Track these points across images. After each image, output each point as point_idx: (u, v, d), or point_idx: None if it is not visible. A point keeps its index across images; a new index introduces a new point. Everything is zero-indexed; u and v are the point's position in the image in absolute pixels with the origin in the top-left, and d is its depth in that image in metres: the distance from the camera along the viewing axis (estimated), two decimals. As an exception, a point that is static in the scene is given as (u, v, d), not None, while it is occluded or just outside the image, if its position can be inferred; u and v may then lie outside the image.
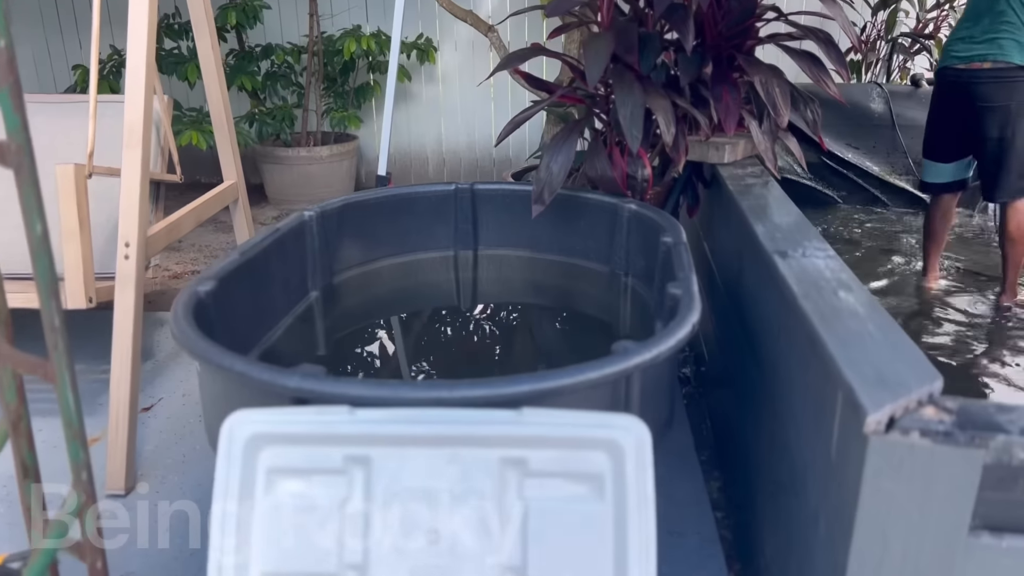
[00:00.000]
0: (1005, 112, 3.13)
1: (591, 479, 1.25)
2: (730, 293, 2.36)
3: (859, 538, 1.22)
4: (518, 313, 2.76)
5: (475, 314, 2.76)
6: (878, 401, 1.17)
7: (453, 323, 2.75)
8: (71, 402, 1.17)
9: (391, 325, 2.68)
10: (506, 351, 2.63)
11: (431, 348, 2.64)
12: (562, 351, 2.57)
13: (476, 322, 2.75)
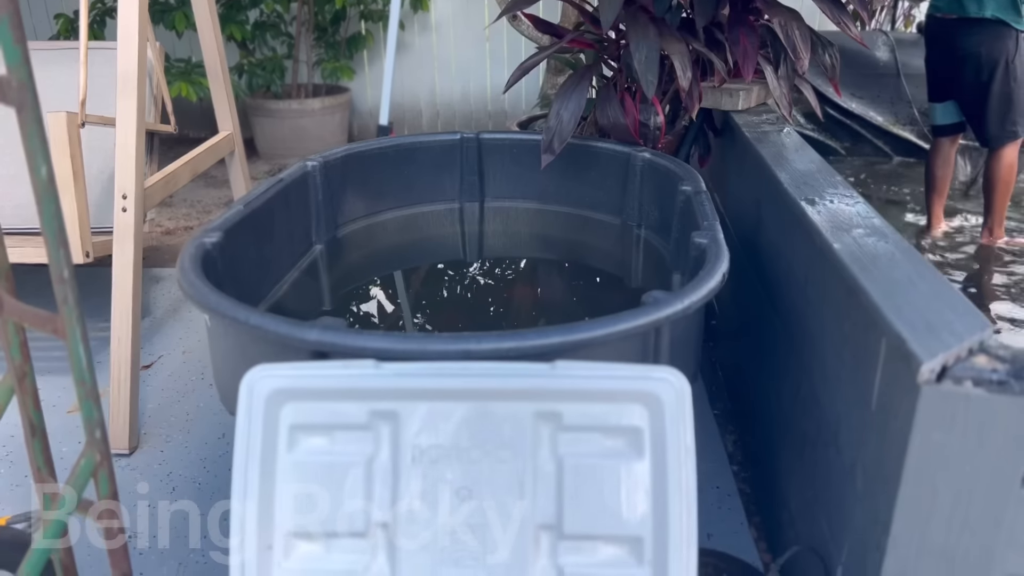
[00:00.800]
0: (977, 60, 3.22)
1: (628, 433, 1.20)
2: (746, 244, 2.31)
3: (906, 491, 1.18)
4: (527, 267, 2.70)
5: (482, 268, 2.70)
6: (931, 350, 1.12)
7: (460, 278, 2.69)
8: (83, 358, 1.10)
9: (397, 280, 2.61)
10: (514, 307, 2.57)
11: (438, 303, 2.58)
12: (573, 306, 2.51)
13: (483, 277, 2.69)
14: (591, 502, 1.19)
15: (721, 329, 2.66)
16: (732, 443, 2.25)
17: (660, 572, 1.16)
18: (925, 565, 1.20)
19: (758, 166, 2.13)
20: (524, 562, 1.18)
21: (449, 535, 1.19)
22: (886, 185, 4.26)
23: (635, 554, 1.18)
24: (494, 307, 2.58)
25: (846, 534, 1.39)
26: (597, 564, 1.19)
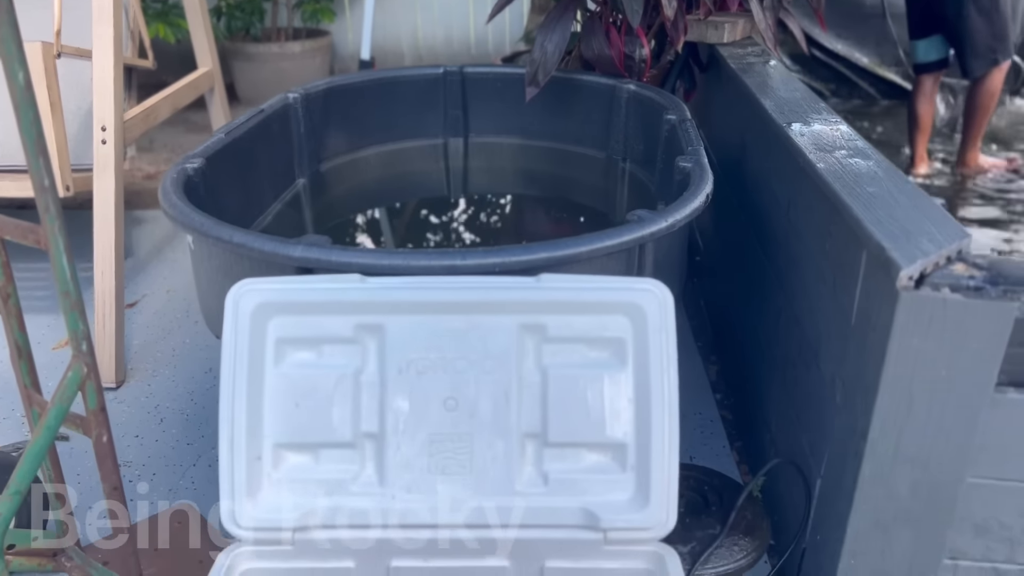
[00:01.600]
0: None
1: (612, 344, 1.21)
2: (729, 177, 2.31)
3: (883, 399, 1.20)
4: (511, 203, 2.69)
5: (467, 204, 2.69)
6: (910, 256, 1.14)
7: (444, 214, 2.68)
8: (67, 269, 1.11)
9: (381, 215, 2.61)
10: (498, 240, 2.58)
11: (422, 237, 2.58)
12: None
13: (468, 212, 2.68)
14: (575, 411, 1.21)
15: (704, 265, 2.68)
16: (715, 373, 2.28)
17: (643, 477, 1.19)
18: (901, 471, 1.23)
19: (743, 96, 2.12)
20: (510, 469, 1.20)
21: (436, 445, 1.21)
22: (870, 126, 4.26)
23: (618, 460, 1.20)
24: (479, 240, 2.58)
25: (825, 447, 1.42)
26: (581, 470, 1.21)
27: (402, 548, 1.19)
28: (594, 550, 1.18)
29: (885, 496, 1.26)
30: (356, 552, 1.19)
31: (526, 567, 1.20)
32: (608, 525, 1.17)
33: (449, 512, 1.19)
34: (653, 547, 1.18)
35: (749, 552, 1.34)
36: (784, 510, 1.59)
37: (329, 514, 1.19)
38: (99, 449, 1.22)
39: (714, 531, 1.36)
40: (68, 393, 1.16)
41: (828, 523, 1.39)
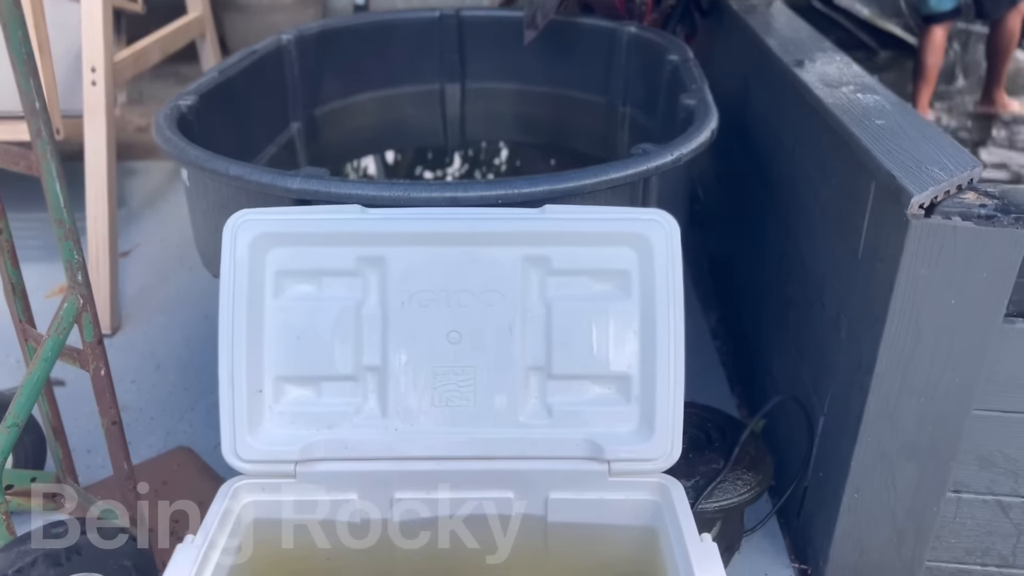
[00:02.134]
0: None
1: (617, 276, 1.19)
2: (731, 123, 2.27)
3: (890, 331, 1.19)
4: (509, 151, 2.66)
5: (464, 153, 2.66)
6: (921, 184, 1.12)
7: (441, 162, 2.65)
8: (59, 195, 1.08)
9: (375, 162, 2.57)
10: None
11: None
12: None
13: (465, 161, 2.65)
14: (580, 343, 1.19)
15: (704, 213, 2.65)
16: (715, 320, 2.27)
17: (647, 409, 1.17)
18: (906, 403, 1.23)
19: (746, 38, 2.09)
20: (514, 402, 1.19)
21: (440, 378, 1.19)
22: (871, 79, 4.21)
23: (623, 392, 1.19)
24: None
25: (828, 384, 1.41)
26: (585, 402, 1.20)
27: (406, 480, 1.18)
28: (598, 481, 1.17)
29: (890, 429, 1.25)
30: (359, 484, 1.18)
31: (530, 498, 1.19)
32: (612, 456, 1.16)
33: (453, 444, 1.18)
34: (657, 478, 1.17)
35: (753, 487, 1.34)
36: (785, 451, 1.58)
37: (332, 447, 1.17)
38: (97, 382, 1.20)
39: (717, 466, 1.35)
40: (64, 324, 1.13)
41: (831, 460, 1.38)
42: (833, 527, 1.34)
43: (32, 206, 1.68)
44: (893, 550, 1.33)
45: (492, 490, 1.19)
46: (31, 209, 1.84)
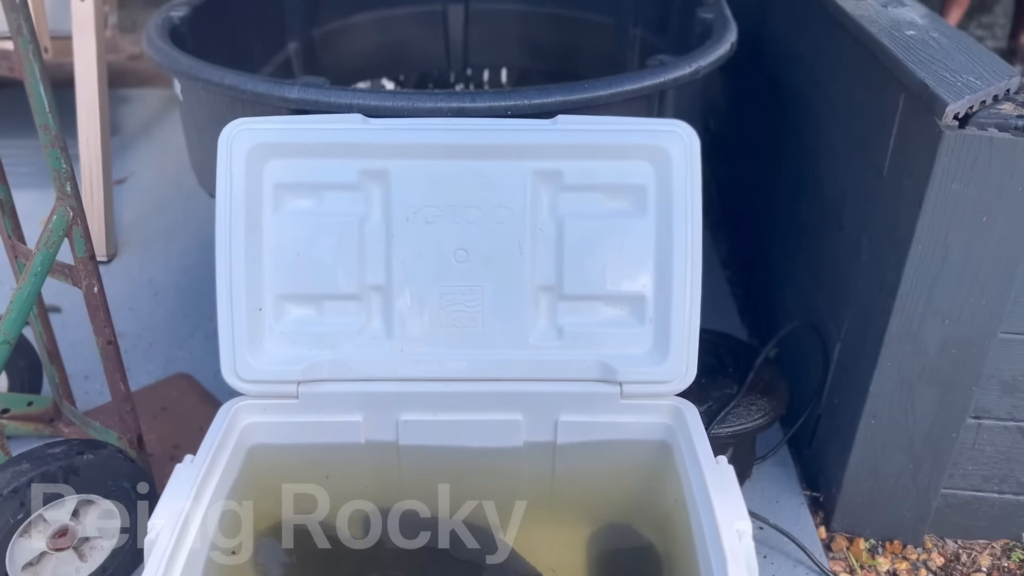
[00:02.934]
0: None
1: (633, 192, 1.14)
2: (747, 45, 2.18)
3: (916, 251, 1.14)
4: (514, 76, 2.57)
5: (466, 78, 2.57)
6: (956, 92, 1.06)
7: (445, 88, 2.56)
8: (44, 98, 1.01)
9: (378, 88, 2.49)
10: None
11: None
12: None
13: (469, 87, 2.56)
14: (592, 263, 1.14)
15: (715, 144, 2.58)
16: (725, 251, 2.22)
17: (662, 331, 1.13)
18: (930, 326, 1.18)
19: (764, -47, 1.99)
20: (524, 323, 1.15)
21: (446, 297, 1.15)
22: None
23: (636, 314, 1.15)
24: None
25: (846, 310, 1.37)
26: (598, 324, 1.15)
27: (412, 402, 1.14)
28: (610, 404, 1.14)
29: (912, 353, 1.21)
30: (364, 405, 1.15)
31: (540, 420, 1.16)
32: (625, 378, 1.13)
33: (460, 365, 1.14)
34: (670, 401, 1.13)
35: (767, 412, 1.30)
36: (797, 380, 1.55)
37: (335, 367, 1.13)
38: (90, 300, 1.16)
39: (731, 391, 1.32)
40: (54, 238, 1.08)
41: (847, 386, 1.35)
42: (847, 454, 1.31)
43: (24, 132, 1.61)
44: (909, 477, 1.31)
45: (500, 412, 1.16)
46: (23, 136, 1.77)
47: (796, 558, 1.31)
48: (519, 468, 1.18)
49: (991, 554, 1.36)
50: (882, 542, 1.37)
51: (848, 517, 1.38)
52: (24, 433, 1.47)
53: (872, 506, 1.35)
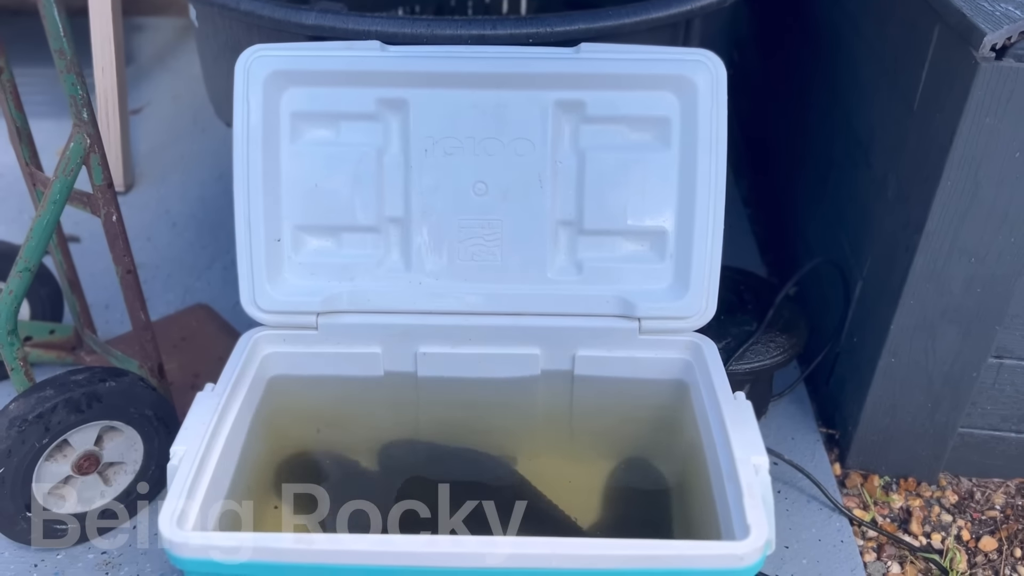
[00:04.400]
0: None
1: (657, 124, 1.12)
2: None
3: (945, 187, 1.11)
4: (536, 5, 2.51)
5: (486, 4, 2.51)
6: (995, 22, 1.02)
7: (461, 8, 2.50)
8: (59, 23, 1.00)
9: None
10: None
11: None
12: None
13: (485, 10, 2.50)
14: (614, 197, 1.13)
15: (739, 72, 2.52)
16: (747, 187, 2.19)
17: (683, 266, 1.12)
18: (955, 264, 1.17)
19: None
20: (542, 257, 1.14)
21: (465, 230, 1.14)
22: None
23: (657, 249, 1.14)
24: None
25: (869, 247, 1.35)
26: (618, 259, 1.15)
27: (430, 334, 1.15)
28: (628, 339, 1.14)
29: (935, 292, 1.20)
30: (383, 337, 1.15)
31: (557, 355, 1.16)
32: (644, 314, 1.12)
33: (478, 298, 1.14)
34: (689, 337, 1.13)
35: (786, 349, 1.30)
36: (817, 317, 1.54)
37: (354, 299, 1.13)
38: (109, 228, 1.15)
39: (750, 328, 1.31)
40: (71, 165, 1.08)
41: (867, 325, 1.34)
42: (865, 392, 1.31)
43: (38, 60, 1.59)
44: (926, 416, 1.30)
45: (518, 346, 1.16)
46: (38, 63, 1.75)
47: (810, 493, 1.32)
48: (536, 400, 1.18)
49: (1005, 492, 1.36)
50: (896, 479, 1.38)
51: (863, 454, 1.38)
52: (47, 360, 1.49)
53: (888, 444, 1.35)
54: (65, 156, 1.07)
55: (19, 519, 1.13)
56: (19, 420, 1.09)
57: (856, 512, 1.31)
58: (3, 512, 1.12)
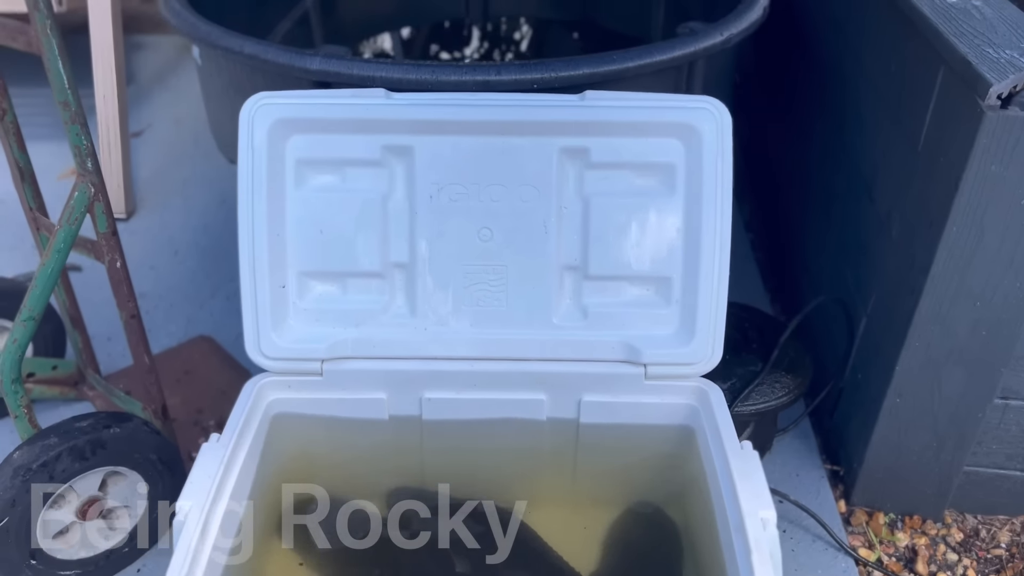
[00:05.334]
0: None
1: (662, 170, 1.11)
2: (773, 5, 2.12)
3: (951, 231, 1.11)
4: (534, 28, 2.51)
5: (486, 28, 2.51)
6: (1000, 71, 1.02)
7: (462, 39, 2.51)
8: (63, 75, 0.99)
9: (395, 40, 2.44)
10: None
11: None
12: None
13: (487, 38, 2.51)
14: (618, 242, 1.13)
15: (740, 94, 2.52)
16: (748, 212, 2.19)
17: (688, 312, 1.12)
18: (961, 307, 1.17)
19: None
20: (547, 303, 1.14)
21: (470, 276, 1.14)
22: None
23: (663, 294, 1.13)
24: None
25: (874, 284, 1.35)
26: (623, 304, 1.14)
27: (435, 380, 1.14)
28: (634, 384, 1.13)
29: (941, 334, 1.19)
30: (388, 383, 1.15)
31: (563, 400, 1.16)
32: (649, 359, 1.12)
33: (483, 344, 1.14)
34: (695, 382, 1.13)
35: (791, 390, 1.30)
36: (821, 350, 1.54)
37: (359, 345, 1.13)
38: (113, 274, 1.15)
39: (755, 368, 1.31)
40: (76, 214, 1.07)
41: (872, 362, 1.34)
42: (870, 431, 1.31)
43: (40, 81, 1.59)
44: (932, 455, 1.30)
45: (523, 391, 1.15)
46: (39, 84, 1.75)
47: (815, 533, 1.32)
48: (542, 445, 1.18)
49: (1011, 530, 1.36)
50: (901, 517, 1.38)
51: (868, 491, 1.38)
52: (49, 396, 1.49)
53: (893, 481, 1.35)
54: (69, 205, 1.07)
55: (24, 567, 1.13)
56: (23, 469, 1.08)
57: (861, 551, 1.31)
58: (8, 561, 1.11)
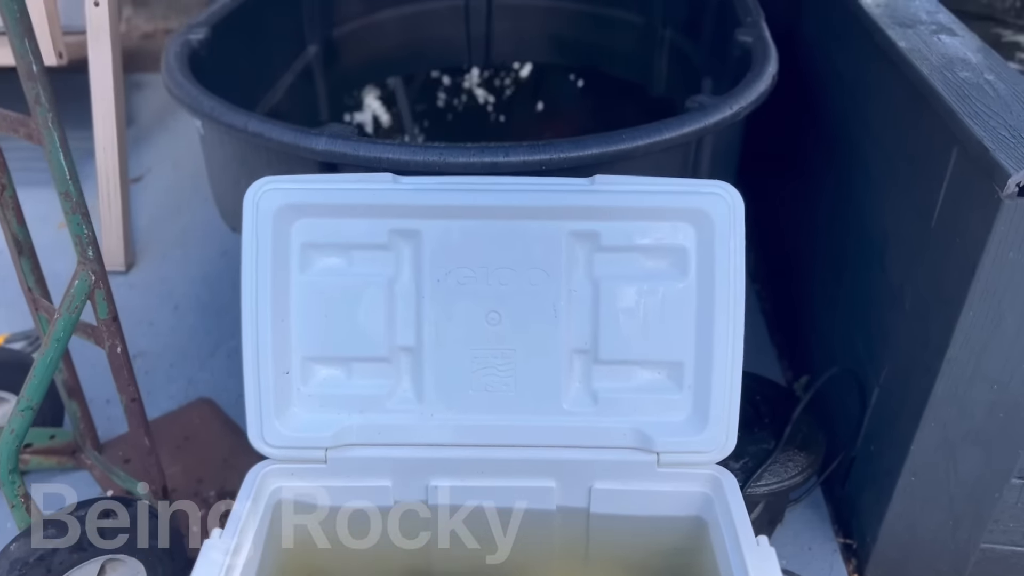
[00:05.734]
0: None
1: (673, 253, 1.09)
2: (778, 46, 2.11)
3: (968, 316, 1.09)
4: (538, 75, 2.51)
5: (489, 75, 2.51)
6: (1018, 159, 1.00)
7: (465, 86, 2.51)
8: (65, 167, 0.98)
9: (398, 88, 2.43)
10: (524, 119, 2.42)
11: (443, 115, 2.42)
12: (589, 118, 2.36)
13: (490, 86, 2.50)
14: (629, 326, 1.11)
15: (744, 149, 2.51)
16: (753, 261, 2.17)
17: (701, 398, 1.10)
18: (978, 390, 1.15)
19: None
20: (557, 388, 1.12)
21: (478, 360, 1.11)
22: None
23: (675, 379, 1.11)
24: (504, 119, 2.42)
25: (886, 355, 1.33)
26: (634, 389, 1.12)
27: (442, 467, 1.12)
28: (646, 472, 1.11)
29: (957, 415, 1.17)
30: (394, 470, 1.12)
31: (573, 487, 1.13)
32: (662, 447, 1.09)
33: (492, 430, 1.11)
34: (709, 470, 1.11)
35: (804, 468, 1.28)
36: (832, 415, 1.52)
37: (364, 432, 1.11)
38: (113, 360, 1.13)
39: (768, 447, 1.29)
40: (76, 303, 1.05)
41: (885, 435, 1.31)
42: (885, 508, 1.29)
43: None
44: (948, 533, 1.28)
45: (533, 479, 1.13)
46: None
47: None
48: (552, 535, 1.16)
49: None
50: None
51: (882, 567, 1.35)
52: (47, 467, 1.46)
53: (907, 558, 1.33)
54: (70, 294, 1.05)
55: (20, 663, 1.10)
56: (19, 563, 1.06)
57: (877, 632, 1.28)
58: (3, 656, 1.09)
